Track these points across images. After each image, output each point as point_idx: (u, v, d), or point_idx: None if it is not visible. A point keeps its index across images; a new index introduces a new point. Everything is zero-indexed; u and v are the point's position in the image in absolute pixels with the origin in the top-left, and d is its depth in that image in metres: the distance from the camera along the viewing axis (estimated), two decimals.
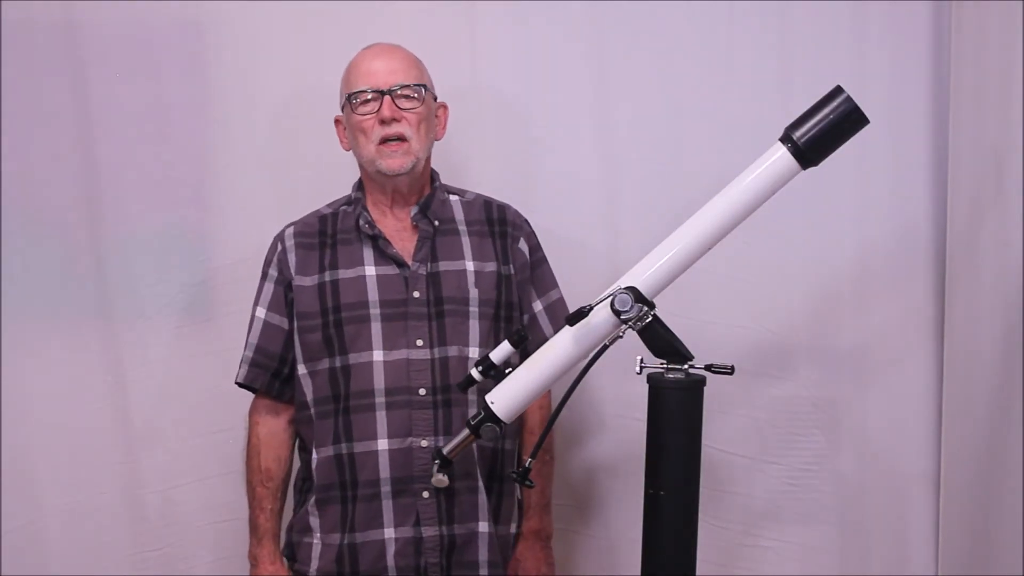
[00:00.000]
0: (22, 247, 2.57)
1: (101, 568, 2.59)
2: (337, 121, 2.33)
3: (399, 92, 2.23)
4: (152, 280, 2.60)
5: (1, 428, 2.55)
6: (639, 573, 1.97)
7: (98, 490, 2.60)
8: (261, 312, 2.32)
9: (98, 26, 2.57)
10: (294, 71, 2.61)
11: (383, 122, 2.22)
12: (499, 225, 2.36)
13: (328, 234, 2.32)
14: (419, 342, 2.24)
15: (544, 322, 2.35)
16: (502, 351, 2.10)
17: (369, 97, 2.23)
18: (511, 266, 2.34)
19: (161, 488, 2.60)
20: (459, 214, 2.35)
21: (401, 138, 2.23)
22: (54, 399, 2.58)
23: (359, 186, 2.35)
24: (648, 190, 2.59)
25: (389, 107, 2.22)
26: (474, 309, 2.27)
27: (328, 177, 2.53)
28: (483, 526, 2.26)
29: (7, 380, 2.56)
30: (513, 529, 2.36)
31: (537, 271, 2.39)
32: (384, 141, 2.23)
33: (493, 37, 2.62)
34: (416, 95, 2.24)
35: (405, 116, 2.23)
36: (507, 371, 2.09)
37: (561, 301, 2.38)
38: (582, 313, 1.94)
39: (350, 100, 2.25)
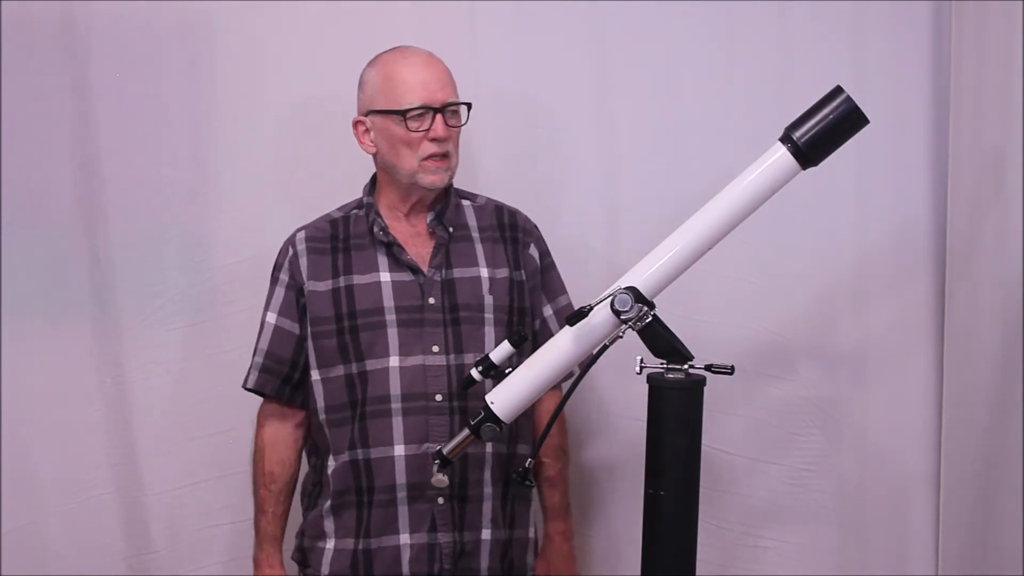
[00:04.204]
0: (22, 247, 2.57)
1: (100, 569, 2.59)
2: (356, 123, 2.30)
3: (448, 109, 2.23)
4: (151, 281, 2.60)
5: (1, 428, 2.54)
6: (639, 573, 1.97)
7: (97, 491, 2.60)
8: (272, 317, 2.30)
9: (98, 26, 2.57)
10: (294, 71, 2.61)
11: (436, 140, 2.21)
12: (510, 231, 2.36)
13: (340, 239, 2.31)
14: (435, 348, 2.24)
15: (554, 327, 2.35)
16: (502, 351, 2.11)
17: (421, 113, 2.21)
18: (522, 272, 2.34)
19: (160, 490, 2.60)
20: (472, 220, 2.35)
21: (446, 155, 2.24)
22: (54, 400, 2.58)
23: (370, 190, 2.34)
24: (648, 190, 2.59)
25: (443, 127, 2.21)
26: (489, 316, 2.28)
27: (328, 178, 2.54)
28: (486, 533, 2.27)
29: (7, 380, 2.55)
30: (531, 534, 2.37)
31: (546, 276, 2.39)
32: (430, 157, 2.23)
33: (493, 37, 2.61)
34: (460, 111, 2.25)
35: (451, 134, 2.23)
36: (507, 371, 2.10)
37: (570, 307, 2.38)
38: (582, 313, 1.94)
39: (403, 114, 2.20)
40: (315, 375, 2.28)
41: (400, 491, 2.22)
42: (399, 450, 2.22)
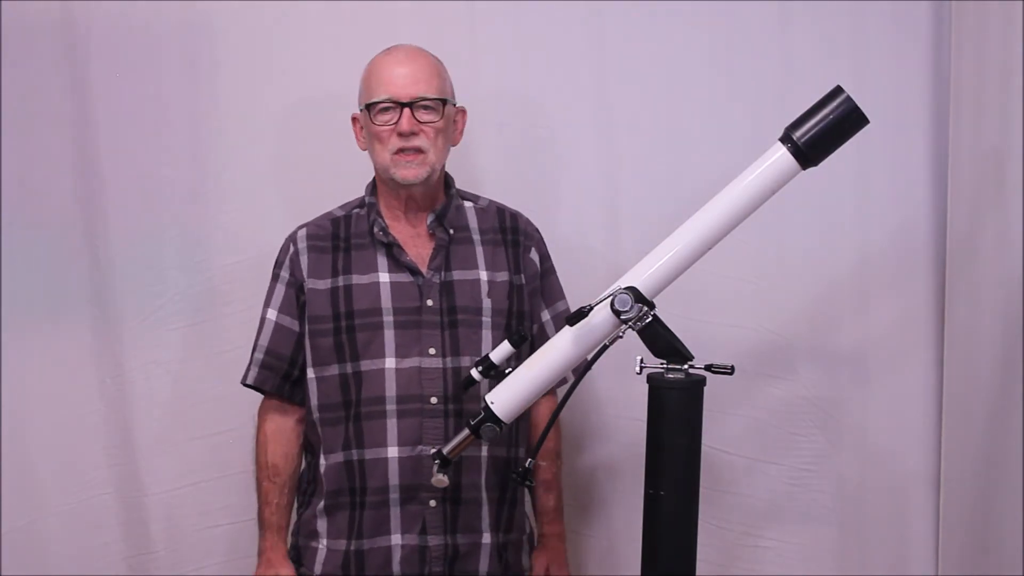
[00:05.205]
0: (22, 247, 2.57)
1: (100, 569, 2.59)
2: (354, 119, 2.31)
3: (419, 104, 2.21)
4: (151, 281, 2.60)
5: (1, 428, 2.54)
6: (639, 573, 1.97)
7: (97, 491, 2.60)
8: (272, 314, 2.31)
9: (98, 26, 2.57)
10: (293, 71, 2.61)
11: (401, 134, 2.21)
12: (511, 234, 2.36)
13: (341, 238, 2.31)
14: (431, 350, 2.24)
15: (551, 332, 2.34)
16: (502, 351, 2.11)
17: (388, 107, 2.21)
18: (522, 275, 2.34)
19: (160, 490, 2.60)
20: (473, 222, 2.34)
21: (418, 150, 2.22)
22: (54, 400, 2.58)
23: (372, 190, 2.34)
24: (648, 190, 2.59)
25: (408, 121, 2.20)
26: (487, 319, 2.27)
27: (328, 178, 2.54)
28: (486, 537, 2.27)
29: (7, 380, 2.55)
30: (525, 535, 2.37)
31: (546, 281, 2.39)
32: (400, 151, 2.22)
33: (493, 37, 2.61)
34: (436, 108, 2.23)
35: (423, 129, 2.21)
36: (507, 371, 2.10)
37: (568, 313, 2.37)
38: (582, 313, 1.94)
39: (369, 108, 2.23)
40: (310, 373, 2.28)
41: (393, 492, 2.22)
42: (392, 452, 2.22)
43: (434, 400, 2.23)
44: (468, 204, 2.36)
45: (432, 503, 2.22)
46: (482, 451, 2.25)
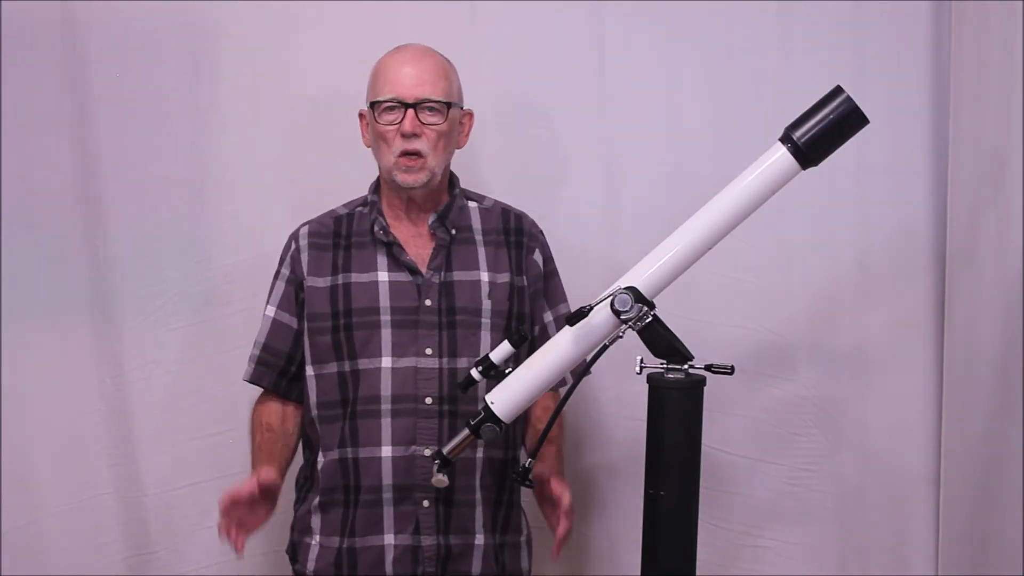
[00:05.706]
0: (22, 247, 2.57)
1: (99, 569, 2.59)
2: (361, 115, 2.30)
3: (423, 106, 2.21)
4: (151, 281, 2.60)
5: (1, 428, 2.55)
6: (639, 573, 1.97)
7: (97, 491, 2.60)
8: (271, 311, 2.31)
9: (98, 26, 2.57)
10: (294, 71, 2.61)
11: (403, 135, 2.21)
12: (515, 235, 2.35)
13: (343, 236, 2.31)
14: (428, 351, 2.24)
15: (553, 334, 2.33)
16: (502, 351, 2.10)
17: (393, 106, 2.22)
18: (524, 277, 2.33)
19: (159, 490, 2.60)
20: (476, 222, 2.34)
21: (418, 154, 2.22)
22: (54, 400, 2.58)
23: (375, 188, 2.34)
24: (648, 190, 2.59)
25: (411, 122, 2.20)
26: (486, 320, 2.27)
27: (329, 178, 2.54)
28: (479, 538, 2.26)
29: (7, 380, 2.56)
30: (523, 537, 2.36)
31: (549, 283, 2.38)
32: (403, 154, 2.22)
33: (493, 37, 2.61)
34: (440, 110, 2.23)
35: (426, 131, 2.21)
36: (507, 371, 2.10)
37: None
38: (582, 313, 1.94)
39: (374, 106, 2.23)
40: (309, 370, 2.29)
41: (386, 492, 2.22)
42: (386, 451, 2.22)
43: (429, 400, 2.22)
44: (472, 204, 2.36)
45: (425, 503, 2.22)
46: (477, 453, 2.25)
